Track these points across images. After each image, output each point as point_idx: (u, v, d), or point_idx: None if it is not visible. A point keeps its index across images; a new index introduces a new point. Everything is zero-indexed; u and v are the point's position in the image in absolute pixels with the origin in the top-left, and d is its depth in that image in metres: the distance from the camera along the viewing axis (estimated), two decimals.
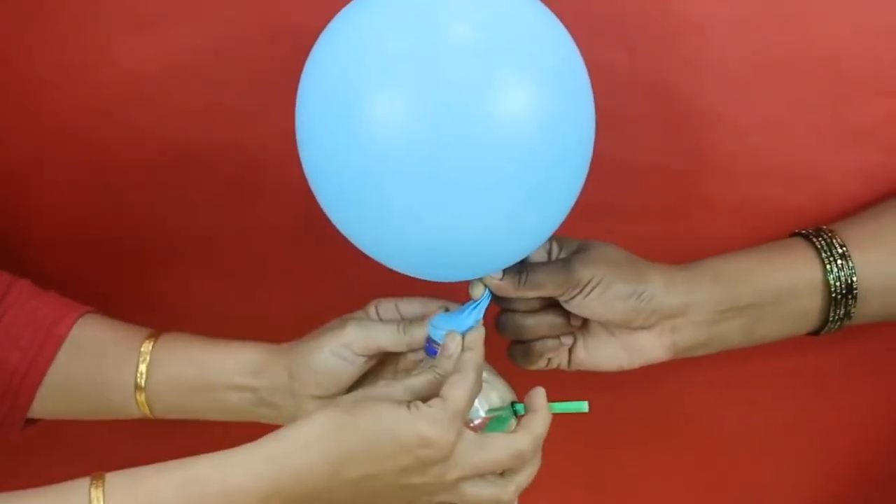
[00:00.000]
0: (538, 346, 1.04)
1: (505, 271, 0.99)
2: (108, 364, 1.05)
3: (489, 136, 0.88)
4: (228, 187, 1.13)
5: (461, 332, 0.98)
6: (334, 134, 0.90)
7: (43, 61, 1.08)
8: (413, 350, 1.02)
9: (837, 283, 1.05)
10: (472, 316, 0.99)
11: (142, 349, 1.05)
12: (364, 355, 1.01)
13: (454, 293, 1.02)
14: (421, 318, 1.01)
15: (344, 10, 0.94)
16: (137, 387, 1.05)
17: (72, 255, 1.16)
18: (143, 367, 1.05)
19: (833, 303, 1.05)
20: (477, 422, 0.98)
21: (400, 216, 0.91)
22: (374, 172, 0.89)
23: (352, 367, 1.01)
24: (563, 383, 1.07)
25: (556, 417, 0.99)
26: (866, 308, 1.06)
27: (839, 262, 1.05)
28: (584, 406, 1.00)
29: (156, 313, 1.11)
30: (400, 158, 0.89)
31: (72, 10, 1.06)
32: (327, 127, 0.91)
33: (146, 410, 1.06)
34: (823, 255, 1.06)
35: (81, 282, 1.12)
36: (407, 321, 1.01)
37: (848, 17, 1.08)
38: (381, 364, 1.04)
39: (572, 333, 1.05)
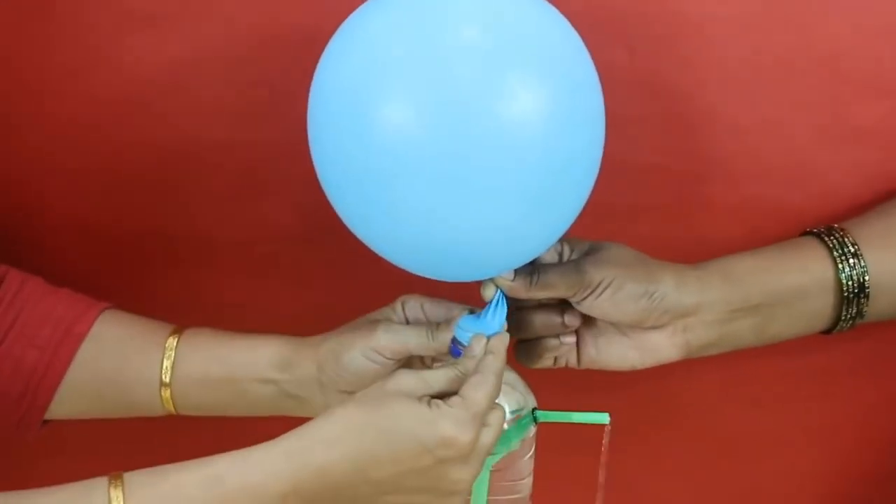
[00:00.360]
0: (542, 344, 1.04)
1: (517, 272, 0.99)
2: (131, 361, 1.05)
3: (499, 137, 0.88)
4: (233, 186, 1.12)
5: (487, 334, 0.98)
6: (346, 135, 0.90)
7: (44, 62, 1.07)
8: (440, 355, 1.02)
9: (850, 282, 1.05)
10: (497, 319, 0.99)
11: (166, 345, 1.05)
12: (393, 359, 1.02)
13: (464, 293, 1.02)
14: (447, 322, 1.01)
15: (356, 11, 0.94)
16: (163, 383, 1.04)
17: (76, 254, 1.16)
18: (167, 363, 1.04)
19: (845, 302, 1.05)
20: None
21: (410, 216, 0.90)
22: (385, 173, 0.89)
23: (381, 369, 1.01)
24: (567, 381, 1.07)
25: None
26: (878, 306, 1.06)
27: (851, 260, 1.05)
28: (604, 418, 1.00)
29: (162, 312, 1.10)
30: (411, 159, 0.88)
31: (72, 10, 1.06)
32: (339, 128, 0.91)
33: (171, 407, 1.05)
34: (835, 253, 1.06)
35: (87, 280, 1.11)
36: (435, 326, 1.01)
37: (848, 17, 1.08)
38: (405, 363, 1.04)
39: (573, 333, 1.05)
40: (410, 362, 1.04)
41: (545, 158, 0.90)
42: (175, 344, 1.05)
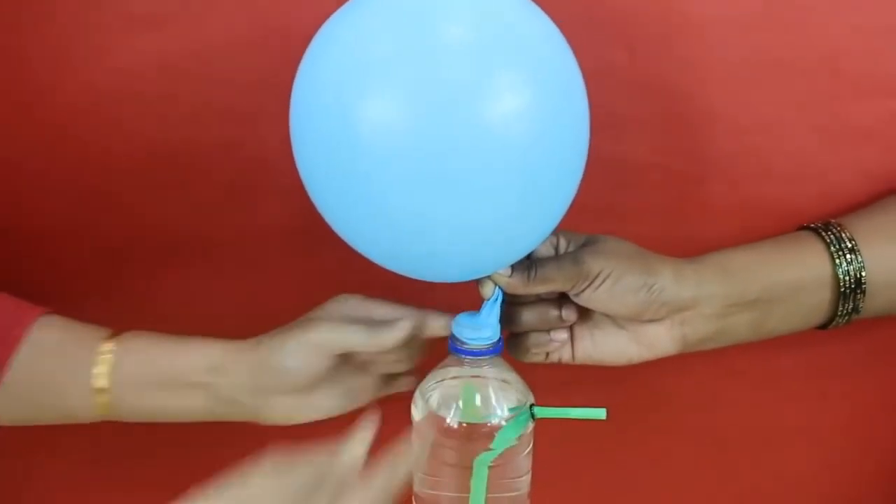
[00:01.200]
0: (530, 338, 1.04)
1: (513, 268, 0.99)
2: (65, 367, 1.03)
3: (484, 136, 0.88)
4: (226, 188, 1.12)
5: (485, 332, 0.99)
6: (329, 137, 0.90)
7: (42, 61, 1.07)
8: (381, 352, 1.02)
9: (847, 278, 1.05)
10: (494, 316, 1.00)
11: (100, 349, 1.03)
12: (331, 355, 1.01)
13: (463, 292, 1.02)
14: (390, 323, 1.01)
15: (337, 12, 0.94)
16: (96, 389, 1.03)
17: (67, 255, 1.15)
18: (101, 369, 1.02)
19: (842, 297, 1.05)
20: (494, 422, 0.99)
21: (394, 216, 0.90)
22: (369, 173, 0.89)
23: (318, 367, 1.01)
24: (563, 378, 1.07)
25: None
26: (874, 302, 1.06)
27: (848, 256, 1.05)
28: (601, 413, 1.00)
29: (151, 314, 1.11)
30: (394, 159, 0.89)
31: (71, 10, 1.06)
32: (322, 130, 0.91)
33: (105, 412, 1.04)
34: (832, 248, 1.06)
35: (78, 282, 1.12)
36: (376, 324, 1.01)
37: (848, 17, 1.08)
38: (344, 361, 1.04)
39: (565, 330, 1.05)
40: (350, 360, 1.04)
41: (530, 157, 0.90)
42: (110, 348, 1.03)
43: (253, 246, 1.15)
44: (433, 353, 1.07)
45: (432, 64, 0.88)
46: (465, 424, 1.00)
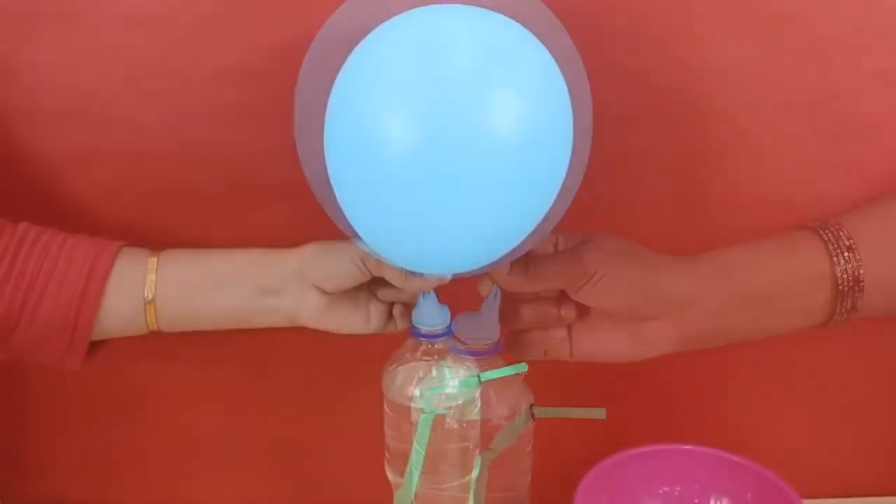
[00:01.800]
0: (530, 335, 1.04)
1: (513, 265, 1.00)
2: (120, 285, 1.07)
3: (485, 145, 0.90)
4: (226, 187, 1.12)
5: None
6: (358, 150, 0.92)
7: (41, 61, 1.07)
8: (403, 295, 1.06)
9: (844, 276, 1.05)
10: (493, 314, 1.00)
11: (147, 262, 1.07)
12: (369, 273, 1.04)
13: (463, 292, 1.03)
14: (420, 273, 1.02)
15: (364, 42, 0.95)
16: (146, 300, 1.07)
17: None
18: (149, 277, 1.07)
19: (840, 295, 1.05)
20: (495, 421, 0.99)
21: (406, 213, 0.92)
22: (387, 177, 0.91)
23: (361, 276, 1.04)
24: (562, 378, 1.07)
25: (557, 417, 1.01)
26: (873, 301, 1.06)
27: (846, 254, 1.05)
28: (601, 412, 1.00)
29: None
30: (409, 164, 0.90)
31: (70, 9, 1.06)
32: (353, 142, 0.93)
33: (153, 321, 1.07)
34: (831, 247, 1.05)
35: None
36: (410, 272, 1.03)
37: (848, 16, 1.08)
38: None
39: (564, 326, 1.05)
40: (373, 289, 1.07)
41: (526, 162, 0.91)
42: (155, 260, 1.08)
43: (253, 245, 1.15)
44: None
45: (441, 88, 0.90)
46: (464, 423, 1.00)
